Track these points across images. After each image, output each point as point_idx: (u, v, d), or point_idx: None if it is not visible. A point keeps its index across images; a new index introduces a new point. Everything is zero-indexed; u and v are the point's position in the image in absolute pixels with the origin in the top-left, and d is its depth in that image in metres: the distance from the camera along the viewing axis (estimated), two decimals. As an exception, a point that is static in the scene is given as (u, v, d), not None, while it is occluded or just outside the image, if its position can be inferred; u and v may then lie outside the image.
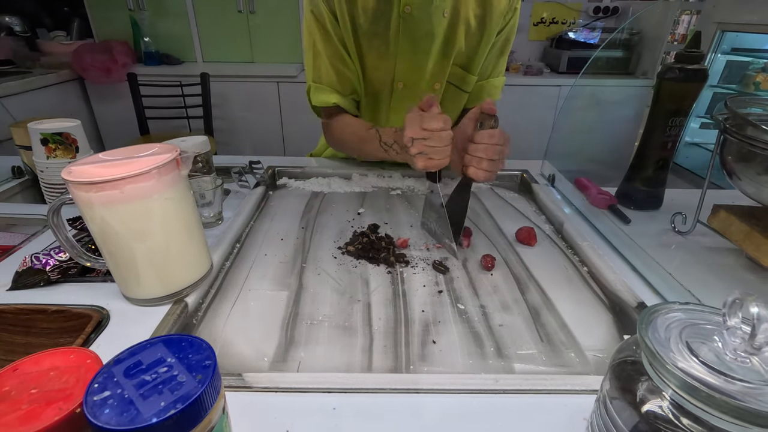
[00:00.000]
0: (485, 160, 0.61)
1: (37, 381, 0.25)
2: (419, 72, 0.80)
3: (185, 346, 0.27)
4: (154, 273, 0.48)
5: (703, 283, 0.57)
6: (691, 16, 2.47)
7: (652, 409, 0.29)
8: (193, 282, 0.51)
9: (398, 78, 0.81)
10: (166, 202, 0.45)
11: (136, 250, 0.45)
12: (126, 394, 0.24)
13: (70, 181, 0.41)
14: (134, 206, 0.43)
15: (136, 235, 0.44)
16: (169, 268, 0.49)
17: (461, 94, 0.87)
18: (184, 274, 0.50)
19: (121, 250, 0.45)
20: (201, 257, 0.52)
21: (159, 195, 0.44)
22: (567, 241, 0.69)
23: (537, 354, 0.46)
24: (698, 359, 0.28)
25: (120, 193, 0.41)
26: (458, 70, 0.83)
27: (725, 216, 0.61)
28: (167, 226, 0.46)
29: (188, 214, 0.49)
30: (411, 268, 0.61)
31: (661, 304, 0.32)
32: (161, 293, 0.49)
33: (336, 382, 0.40)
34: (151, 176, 0.43)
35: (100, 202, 0.42)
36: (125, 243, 0.44)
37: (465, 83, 0.85)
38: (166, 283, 0.49)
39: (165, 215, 0.46)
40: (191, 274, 0.51)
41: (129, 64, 2.30)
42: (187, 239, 0.49)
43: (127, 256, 0.45)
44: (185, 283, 0.50)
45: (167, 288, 0.49)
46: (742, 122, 0.54)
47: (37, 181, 0.74)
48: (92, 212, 0.43)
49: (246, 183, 0.84)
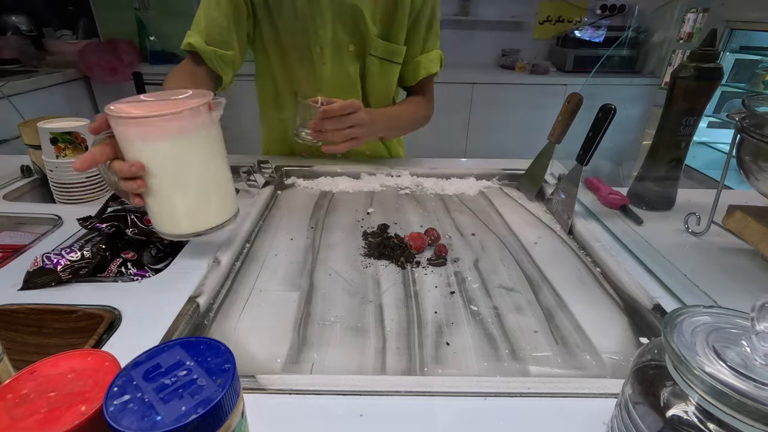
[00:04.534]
0: None
1: (55, 384, 0.25)
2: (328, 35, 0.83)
3: (203, 349, 0.27)
4: (186, 209, 0.52)
5: (719, 285, 0.56)
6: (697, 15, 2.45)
7: (678, 414, 0.28)
8: (221, 222, 0.54)
9: (314, 43, 0.84)
10: (198, 141, 0.49)
11: (169, 186, 0.50)
12: (146, 398, 0.23)
13: (116, 117, 0.46)
14: (168, 143, 0.47)
15: (169, 171, 0.49)
16: (199, 205, 0.53)
17: (391, 66, 0.89)
18: (212, 213, 0.54)
19: (155, 184, 0.49)
20: (228, 200, 0.56)
21: (192, 134, 0.48)
22: (579, 241, 0.68)
23: (552, 356, 0.46)
24: (726, 364, 0.27)
25: (156, 129, 0.46)
26: (380, 42, 0.85)
27: (741, 217, 0.60)
28: (199, 163, 0.51)
29: (218, 156, 0.53)
30: (422, 269, 0.60)
31: (685, 308, 0.31)
32: (191, 229, 0.53)
33: (351, 384, 0.40)
34: (184, 116, 0.47)
35: (139, 137, 0.46)
36: (159, 178, 0.49)
37: (393, 54, 0.87)
38: (196, 220, 0.53)
39: (197, 153, 0.50)
40: (219, 214, 0.55)
41: (134, 63, 2.30)
42: (217, 178, 0.53)
43: (160, 192, 0.50)
44: (213, 222, 0.54)
45: (197, 225, 0.53)
46: (760, 121, 0.53)
47: (46, 181, 0.74)
48: (132, 147, 0.48)
49: (255, 183, 0.84)
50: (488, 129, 2.46)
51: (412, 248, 0.63)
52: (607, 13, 2.61)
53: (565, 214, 0.72)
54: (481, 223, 0.73)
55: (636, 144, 1.07)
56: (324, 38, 0.84)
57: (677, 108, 0.68)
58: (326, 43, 0.85)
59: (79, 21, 2.45)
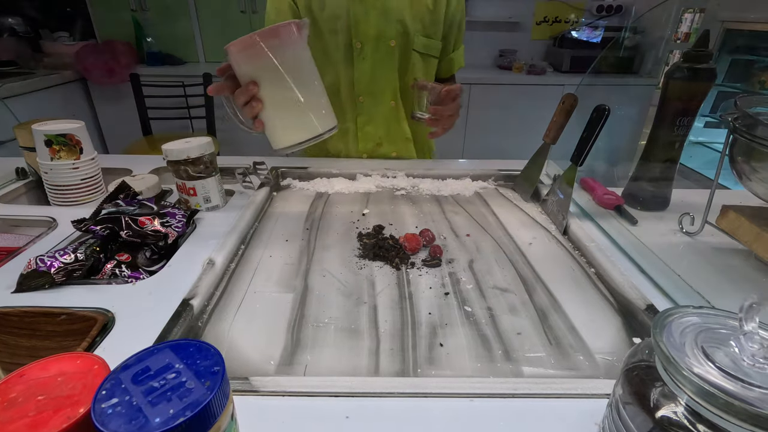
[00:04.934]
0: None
1: (44, 387, 0.25)
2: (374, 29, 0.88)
3: (193, 352, 0.27)
4: (295, 118, 0.59)
5: (712, 285, 0.56)
6: (694, 15, 2.45)
7: (667, 415, 0.28)
8: (326, 129, 0.60)
9: (355, 37, 0.88)
10: (294, 55, 0.57)
11: (279, 98, 0.57)
12: (134, 401, 0.23)
13: (228, 48, 0.56)
14: (271, 59, 0.55)
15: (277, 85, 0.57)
16: (305, 114, 0.59)
17: (432, 61, 0.96)
18: (318, 121, 0.59)
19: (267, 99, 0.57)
20: (328, 109, 0.61)
21: (288, 49, 0.56)
22: (573, 242, 0.68)
23: (545, 357, 0.46)
24: (714, 365, 0.27)
25: (259, 50, 0.55)
26: (421, 38, 0.91)
27: (735, 217, 0.60)
28: (299, 74, 0.57)
29: (314, 70, 0.60)
30: (417, 270, 0.60)
31: (675, 308, 0.31)
32: (304, 137, 0.59)
33: (344, 386, 0.40)
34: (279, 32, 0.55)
35: (247, 60, 0.56)
36: (270, 93, 0.57)
37: (433, 49, 0.94)
38: (308, 127, 0.59)
39: (295, 66, 0.57)
40: (323, 122, 0.60)
41: (132, 65, 2.30)
42: (316, 89, 0.60)
43: (273, 105, 0.58)
44: (326, 127, 0.60)
45: (310, 131, 0.59)
46: (752, 122, 0.53)
47: (41, 183, 0.74)
48: (244, 71, 0.57)
49: (250, 184, 0.84)
50: (485, 129, 2.46)
51: (406, 249, 0.63)
52: (604, 14, 2.62)
53: (560, 214, 0.72)
54: (476, 224, 0.73)
55: (633, 144, 1.07)
56: (366, 34, 0.88)
57: (671, 108, 0.68)
58: (368, 39, 0.88)
59: (76, 22, 2.44)
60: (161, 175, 0.88)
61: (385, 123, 0.98)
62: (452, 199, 0.83)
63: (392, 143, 1.01)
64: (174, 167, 0.70)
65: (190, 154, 0.69)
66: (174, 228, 0.62)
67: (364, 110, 0.96)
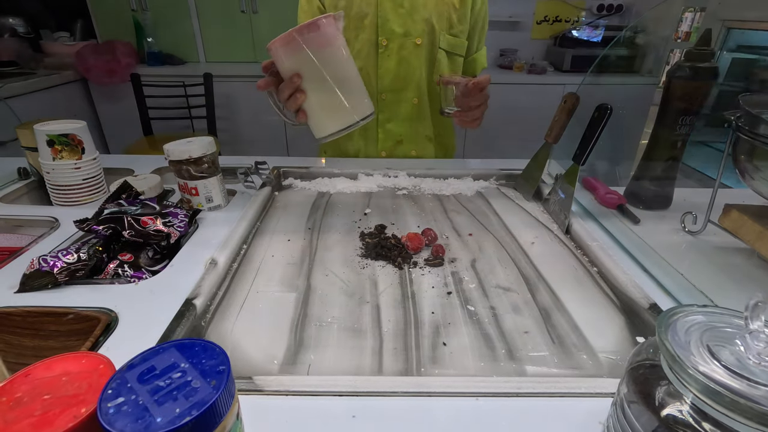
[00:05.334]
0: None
1: (49, 387, 0.25)
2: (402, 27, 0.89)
3: (198, 351, 0.27)
4: (334, 107, 0.60)
5: (715, 284, 0.56)
6: (695, 14, 2.45)
7: (672, 414, 0.28)
8: (370, 113, 0.62)
9: (381, 34, 0.90)
10: (333, 47, 0.58)
11: (319, 88, 0.59)
12: (140, 401, 0.23)
13: (269, 47, 0.58)
14: (310, 52, 0.57)
15: (318, 75, 0.58)
16: (343, 103, 0.60)
17: (458, 60, 0.98)
18: (354, 109, 0.61)
19: (309, 90, 0.59)
20: (365, 97, 0.63)
21: (326, 42, 0.58)
22: (576, 241, 0.68)
23: (549, 356, 0.46)
24: (720, 363, 0.27)
25: (297, 44, 0.57)
26: (447, 37, 0.93)
27: (737, 216, 0.60)
28: (337, 65, 0.59)
29: (351, 60, 0.62)
30: (419, 269, 0.60)
31: (679, 307, 0.31)
32: (346, 123, 0.61)
33: (347, 385, 0.40)
34: (317, 26, 0.56)
35: (288, 55, 0.58)
36: (311, 84, 0.59)
37: (459, 48, 0.96)
38: (348, 115, 0.61)
39: (334, 56, 0.59)
40: (360, 110, 0.62)
41: (132, 65, 2.30)
42: (355, 78, 0.61)
43: (314, 95, 0.60)
44: (364, 113, 0.61)
45: (350, 118, 0.61)
46: (755, 120, 0.53)
47: (43, 183, 0.74)
48: (286, 66, 0.59)
49: (252, 183, 0.84)
50: (486, 129, 2.45)
51: (409, 249, 0.63)
52: (605, 13, 2.62)
53: (562, 213, 0.72)
54: (478, 224, 0.73)
55: (634, 143, 1.07)
56: (392, 31, 0.89)
57: (673, 107, 0.68)
58: (394, 36, 0.90)
59: (77, 23, 2.44)
60: (163, 175, 0.88)
61: (407, 121, 0.98)
62: (454, 199, 0.83)
63: (412, 141, 1.01)
64: (176, 167, 0.70)
65: (192, 153, 0.69)
66: (176, 228, 0.62)
67: (386, 107, 0.96)
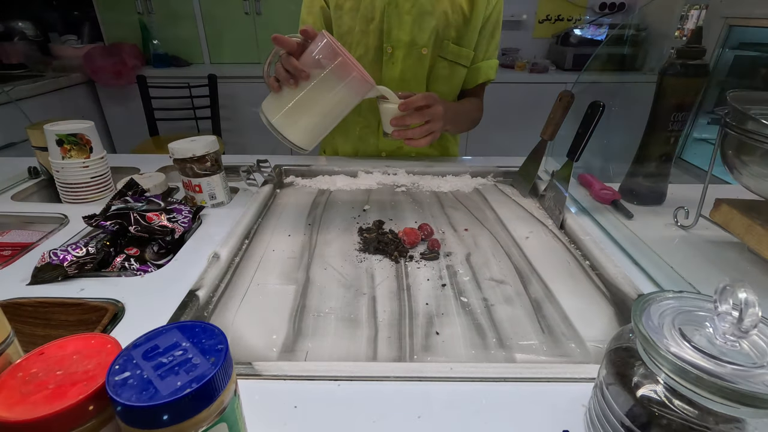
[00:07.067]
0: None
1: (61, 364, 0.27)
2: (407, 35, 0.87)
3: (198, 332, 0.29)
4: (293, 118, 0.63)
5: (704, 276, 0.57)
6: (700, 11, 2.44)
7: (647, 394, 0.30)
8: (304, 148, 0.66)
9: (386, 42, 0.88)
10: (338, 93, 0.62)
11: (300, 98, 0.62)
12: (145, 375, 0.25)
13: (324, 39, 0.61)
14: (324, 77, 0.61)
15: (309, 91, 0.62)
16: (298, 121, 0.64)
17: (459, 69, 0.94)
18: (307, 137, 0.65)
19: (294, 90, 0.62)
20: (313, 137, 0.66)
21: (341, 85, 0.62)
22: (570, 235, 0.70)
23: (538, 345, 0.47)
24: (690, 344, 0.29)
25: (330, 66, 0.61)
26: (453, 46, 0.90)
27: (727, 210, 0.61)
28: (325, 103, 0.63)
29: (346, 106, 0.65)
30: (415, 263, 0.62)
31: (655, 293, 0.33)
32: (281, 128, 0.63)
33: (342, 370, 0.41)
34: (352, 70, 0.61)
35: (318, 62, 0.61)
36: (301, 89, 0.62)
37: (462, 57, 0.92)
38: (289, 127, 0.64)
39: (332, 98, 0.63)
40: (309, 142, 0.66)
41: (138, 67, 2.34)
42: (325, 120, 0.65)
43: (292, 97, 0.62)
44: (302, 144, 0.65)
45: (289, 130, 0.64)
46: (742, 116, 0.54)
47: (53, 181, 0.77)
48: (310, 63, 0.61)
49: (254, 181, 0.86)
50: (487, 128, 2.45)
51: (405, 243, 0.64)
52: (607, 11, 2.62)
53: (557, 209, 0.73)
54: (474, 219, 0.75)
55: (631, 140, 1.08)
56: (398, 40, 0.87)
57: (665, 104, 0.69)
58: (400, 44, 0.88)
59: (84, 26, 2.48)
60: (168, 173, 0.90)
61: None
62: (452, 195, 0.85)
63: (413, 148, 0.99)
64: (180, 165, 0.72)
65: (196, 152, 0.71)
66: (180, 223, 0.64)
67: None
